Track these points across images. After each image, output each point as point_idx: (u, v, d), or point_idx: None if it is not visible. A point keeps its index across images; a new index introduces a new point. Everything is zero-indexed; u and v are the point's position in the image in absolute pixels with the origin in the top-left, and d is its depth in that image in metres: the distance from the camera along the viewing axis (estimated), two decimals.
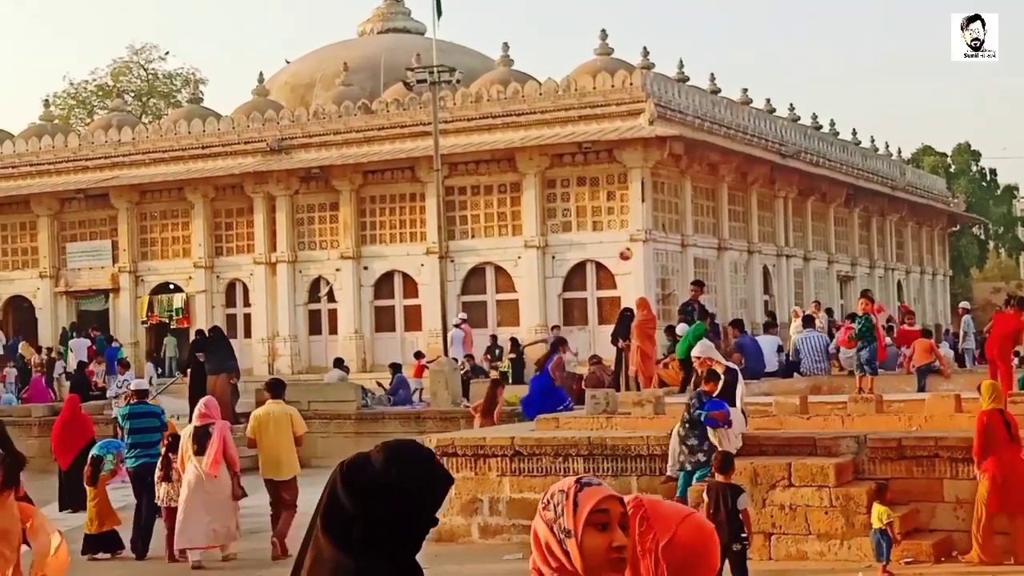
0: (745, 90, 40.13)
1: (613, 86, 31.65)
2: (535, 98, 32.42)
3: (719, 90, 37.43)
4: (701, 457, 13.29)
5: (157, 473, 14.71)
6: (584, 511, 2.87)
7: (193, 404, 18.33)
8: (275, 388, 15.40)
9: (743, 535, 10.87)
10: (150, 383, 26.65)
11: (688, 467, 13.48)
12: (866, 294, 21.91)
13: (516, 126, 32.40)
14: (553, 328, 30.29)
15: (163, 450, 14.88)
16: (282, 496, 14.70)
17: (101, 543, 14.89)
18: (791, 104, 43.67)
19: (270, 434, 14.79)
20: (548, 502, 2.96)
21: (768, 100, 41.84)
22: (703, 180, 34.21)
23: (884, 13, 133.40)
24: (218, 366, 24.37)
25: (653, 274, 31.48)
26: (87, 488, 15.03)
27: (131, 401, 16.94)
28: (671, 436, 13.89)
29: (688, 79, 35.80)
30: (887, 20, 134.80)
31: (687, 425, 13.54)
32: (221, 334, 26.02)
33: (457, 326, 30.41)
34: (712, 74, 38.03)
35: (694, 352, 14.80)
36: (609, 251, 31.55)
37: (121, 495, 16.73)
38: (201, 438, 14.06)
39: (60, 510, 19.09)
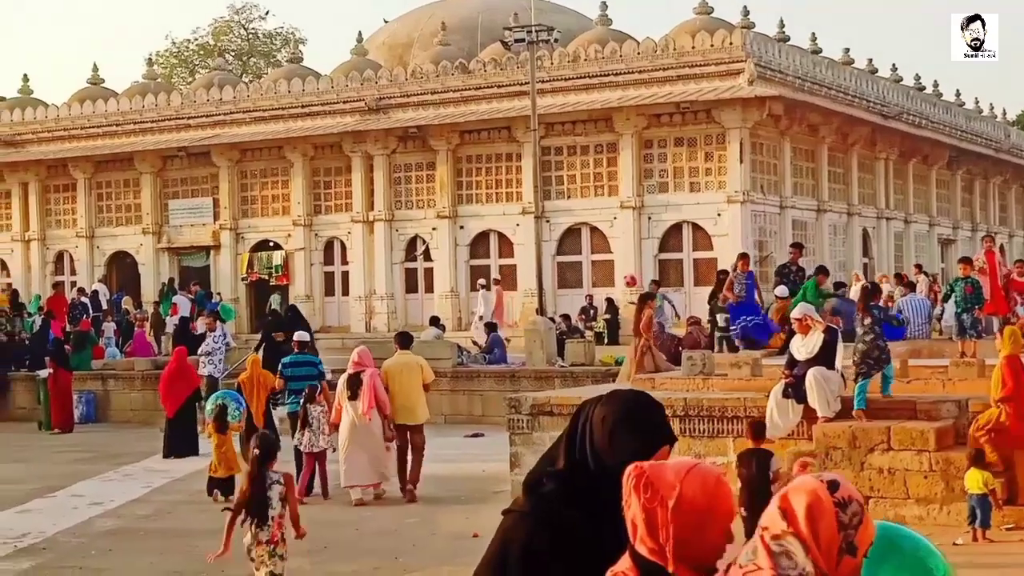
0: (847, 50, 39.56)
1: (712, 45, 31.34)
2: (633, 58, 32.22)
3: (820, 50, 36.93)
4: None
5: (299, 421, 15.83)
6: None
7: None
8: (403, 340, 16.68)
9: None
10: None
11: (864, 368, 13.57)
12: (966, 260, 21.44)
13: (613, 86, 32.24)
14: (652, 283, 30.19)
15: (302, 400, 15.95)
16: (413, 440, 15.67)
17: (223, 486, 15.62)
18: (893, 64, 42.86)
19: (402, 383, 15.70)
20: (846, 503, 2.59)
21: (870, 60, 41.19)
22: (803, 141, 33.81)
23: None
24: None
25: (750, 235, 31.22)
26: (214, 435, 15.77)
27: (293, 351, 18.12)
28: (768, 397, 13.82)
29: (788, 38, 35.36)
30: None
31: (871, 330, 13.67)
32: (297, 312, 26.08)
33: (485, 287, 30.45)
34: (813, 33, 37.54)
35: (794, 313, 14.66)
36: (706, 212, 31.36)
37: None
38: (354, 385, 15.17)
39: (164, 457, 19.92)
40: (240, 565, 11.67)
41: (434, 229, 34.67)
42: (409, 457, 15.74)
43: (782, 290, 21.81)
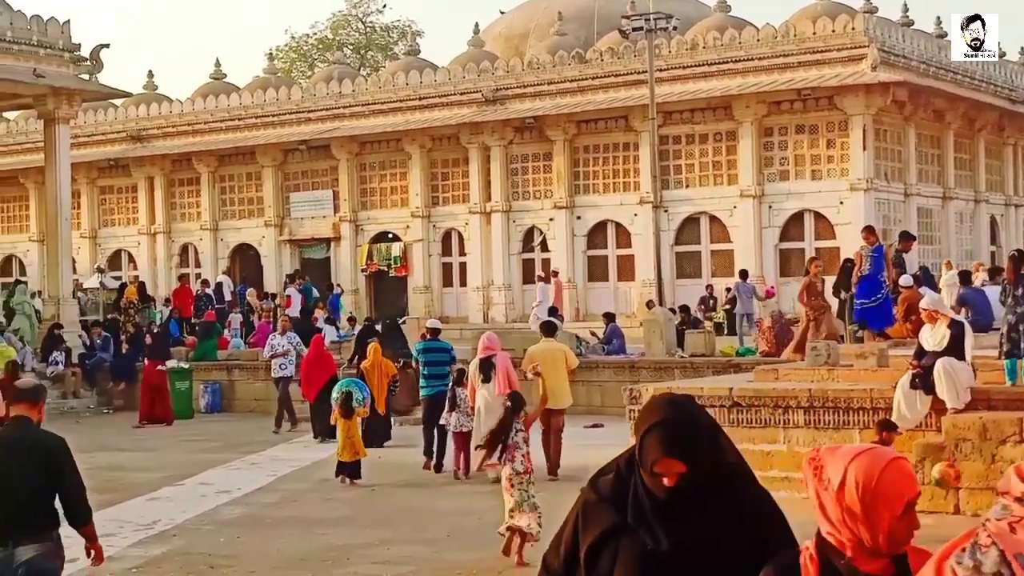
0: None
1: (834, 31, 30.84)
2: (752, 44, 31.84)
3: (945, 34, 36.06)
4: None
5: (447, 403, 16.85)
6: None
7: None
8: (548, 328, 17.69)
9: None
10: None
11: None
12: None
13: (732, 73, 31.90)
14: (740, 272, 29.88)
15: (451, 383, 17.09)
16: (554, 423, 16.30)
17: (351, 469, 16.22)
18: (1022, 48, 41.77)
19: (547, 369, 16.12)
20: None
21: (998, 44, 40.11)
22: (928, 127, 33.13)
23: None
24: (393, 356, 24.79)
25: (874, 224, 30.60)
26: (340, 421, 16.41)
27: (426, 338, 18.96)
28: (895, 389, 13.56)
29: (912, 23, 34.70)
30: None
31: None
32: (395, 324, 26.26)
33: (544, 279, 30.29)
34: (938, 17, 36.84)
35: (922, 304, 14.38)
36: (828, 200, 30.91)
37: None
38: (486, 368, 15.87)
39: (314, 437, 20.96)
40: (355, 550, 11.83)
41: (551, 220, 34.67)
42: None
43: (907, 279, 21.42)
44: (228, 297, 34.98)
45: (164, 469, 18.00)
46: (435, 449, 17.34)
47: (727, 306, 29.79)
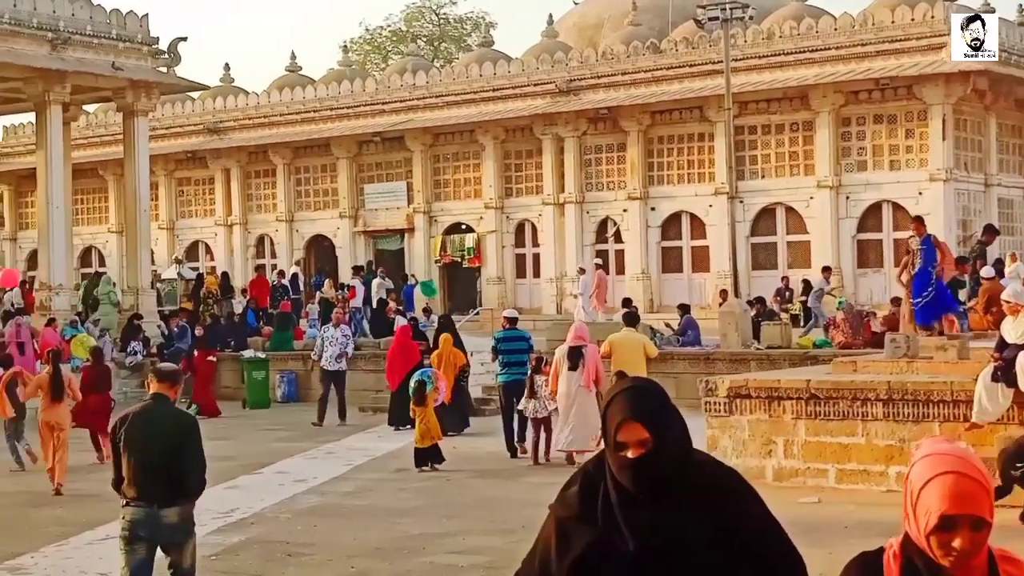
0: None
1: (913, 19, 30.43)
2: (829, 33, 31.51)
3: None
4: None
5: (525, 391, 17.32)
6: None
7: None
8: (630, 318, 18.77)
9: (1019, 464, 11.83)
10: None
11: None
12: None
13: (809, 63, 31.59)
14: (823, 269, 29.61)
15: (529, 371, 17.51)
16: None
17: (431, 455, 16.61)
18: None
19: (626, 356, 16.78)
20: None
21: None
22: (1009, 116, 32.59)
23: None
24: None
25: (954, 215, 30.27)
26: (415, 409, 16.83)
27: (504, 327, 19.43)
28: (976, 381, 13.35)
29: (994, 10, 33.97)
30: None
31: None
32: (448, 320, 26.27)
33: (583, 271, 30.11)
34: (1020, 4, 36.06)
35: (1003, 295, 14.13)
36: (907, 191, 30.52)
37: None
38: (574, 356, 16.36)
39: (390, 424, 21.31)
40: (431, 540, 11.88)
41: (625, 211, 34.55)
42: None
43: (988, 271, 21.13)
44: (302, 288, 35.24)
45: (241, 458, 18.18)
46: (511, 433, 17.92)
47: (803, 298, 29.51)
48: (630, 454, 3.14)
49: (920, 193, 30.34)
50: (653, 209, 34.22)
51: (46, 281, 30.09)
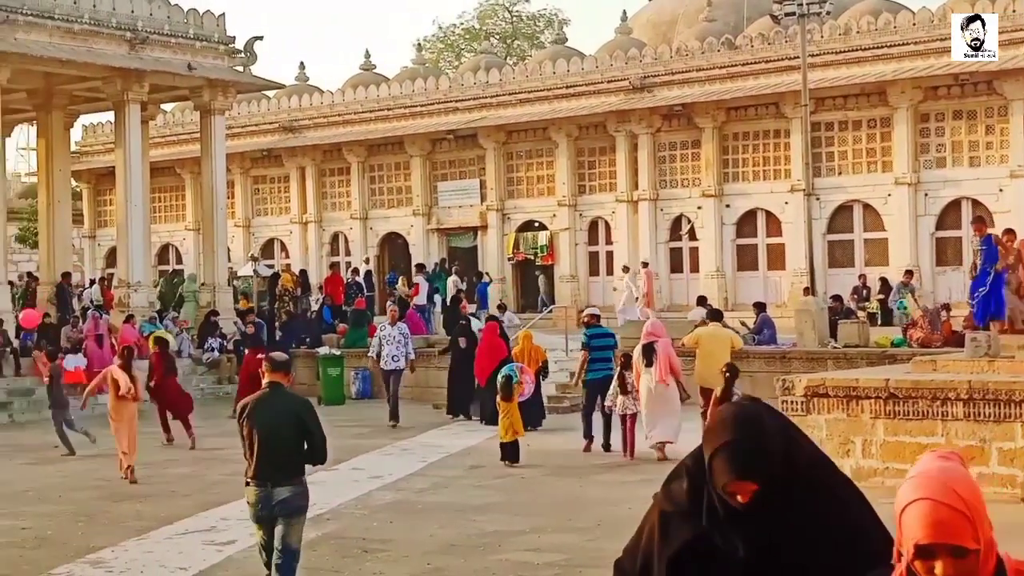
0: None
1: (993, 13, 29.87)
2: (908, 28, 31.11)
3: None
4: None
5: (613, 387, 17.42)
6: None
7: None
8: (715, 314, 19.54)
9: None
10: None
11: None
12: None
13: (887, 58, 31.21)
14: (905, 272, 29.19)
15: (618, 368, 17.61)
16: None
17: (511, 452, 16.88)
18: None
19: (709, 350, 17.46)
20: None
21: None
22: None
23: None
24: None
25: None
26: (501, 404, 17.20)
27: (590, 324, 19.72)
28: None
29: None
30: None
31: None
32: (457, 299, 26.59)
33: (627, 269, 29.90)
34: None
35: None
36: (987, 188, 30.05)
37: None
38: (648, 353, 16.88)
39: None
40: (506, 538, 11.86)
41: (699, 208, 34.34)
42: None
43: None
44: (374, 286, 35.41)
45: None
46: (603, 430, 17.99)
47: (880, 296, 29.16)
48: (740, 499, 3.11)
49: (1000, 190, 29.86)
50: (728, 206, 33.98)
51: (124, 278, 30.47)
